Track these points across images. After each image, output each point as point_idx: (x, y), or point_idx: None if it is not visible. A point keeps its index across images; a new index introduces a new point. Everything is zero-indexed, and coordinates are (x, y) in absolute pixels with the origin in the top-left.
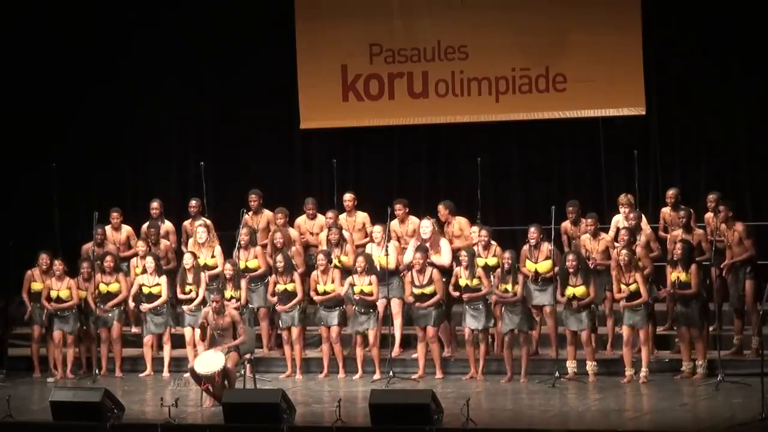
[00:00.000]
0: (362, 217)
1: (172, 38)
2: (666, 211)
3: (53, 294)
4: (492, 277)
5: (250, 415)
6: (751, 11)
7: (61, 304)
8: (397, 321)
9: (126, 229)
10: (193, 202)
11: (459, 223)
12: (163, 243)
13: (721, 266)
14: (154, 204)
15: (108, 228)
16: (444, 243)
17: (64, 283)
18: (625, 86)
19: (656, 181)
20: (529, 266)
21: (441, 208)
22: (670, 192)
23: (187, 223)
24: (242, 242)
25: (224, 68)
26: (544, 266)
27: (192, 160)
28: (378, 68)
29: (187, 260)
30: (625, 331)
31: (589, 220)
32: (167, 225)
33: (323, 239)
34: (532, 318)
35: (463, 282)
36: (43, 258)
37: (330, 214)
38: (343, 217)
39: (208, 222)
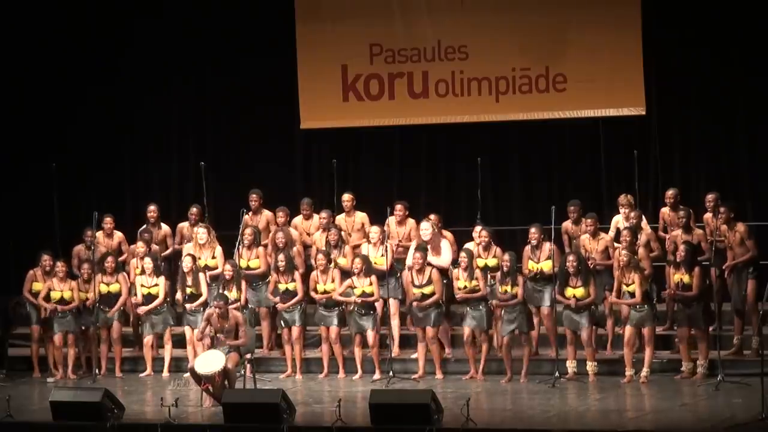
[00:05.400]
0: (361, 217)
1: (172, 38)
2: (665, 211)
3: (56, 295)
4: (491, 278)
5: (250, 415)
6: (751, 11)
7: (64, 306)
8: (395, 321)
9: (118, 235)
10: (194, 210)
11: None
12: (154, 248)
13: (723, 267)
14: (151, 208)
15: (100, 234)
16: (444, 244)
17: (67, 284)
18: (625, 86)
19: (656, 181)
20: (531, 266)
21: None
22: (670, 192)
23: (185, 226)
24: (246, 242)
25: (224, 68)
26: (546, 265)
27: (192, 160)
28: (378, 68)
29: (187, 263)
30: (627, 330)
31: (589, 220)
32: (164, 229)
33: (318, 239)
34: (531, 319)
35: (462, 283)
36: (45, 259)
37: (323, 214)
38: (341, 217)
39: (207, 224)
